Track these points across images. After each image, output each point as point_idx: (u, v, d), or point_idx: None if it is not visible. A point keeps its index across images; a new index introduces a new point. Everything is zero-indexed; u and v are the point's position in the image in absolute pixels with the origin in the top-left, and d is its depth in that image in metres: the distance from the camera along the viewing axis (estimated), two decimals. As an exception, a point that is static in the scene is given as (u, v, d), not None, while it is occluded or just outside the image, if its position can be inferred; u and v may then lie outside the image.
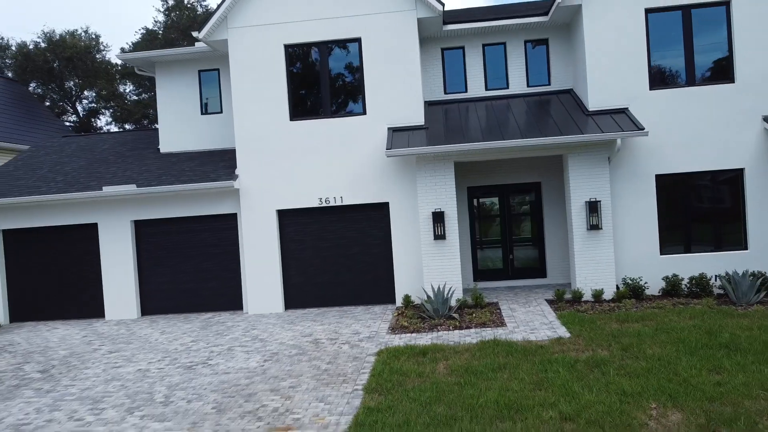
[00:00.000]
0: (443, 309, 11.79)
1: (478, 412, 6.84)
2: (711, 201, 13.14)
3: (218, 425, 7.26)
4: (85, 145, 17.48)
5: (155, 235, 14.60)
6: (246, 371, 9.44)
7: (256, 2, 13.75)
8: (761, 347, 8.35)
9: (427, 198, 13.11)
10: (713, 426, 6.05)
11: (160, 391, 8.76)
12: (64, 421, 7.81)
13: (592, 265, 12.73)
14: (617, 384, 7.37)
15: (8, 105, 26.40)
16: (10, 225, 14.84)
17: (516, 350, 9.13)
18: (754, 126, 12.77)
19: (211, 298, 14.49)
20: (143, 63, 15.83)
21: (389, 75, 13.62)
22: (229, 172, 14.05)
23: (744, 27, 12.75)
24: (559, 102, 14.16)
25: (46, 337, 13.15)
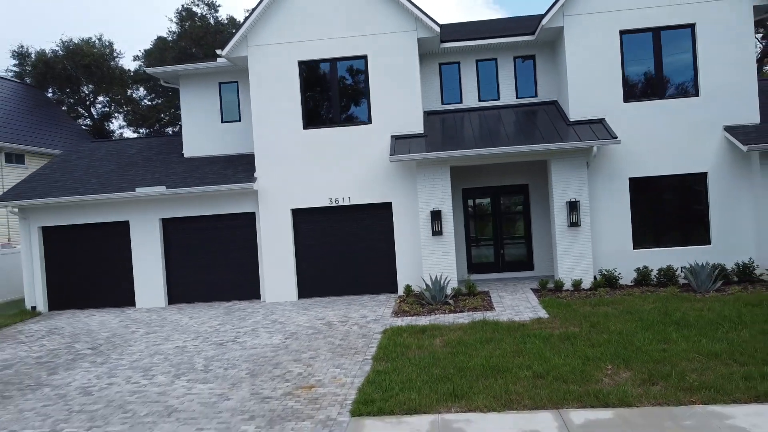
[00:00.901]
0: (440, 296, 13.30)
1: (467, 372, 8.35)
2: (678, 201, 14.66)
3: (253, 385, 8.77)
4: (114, 150, 18.99)
5: (181, 231, 16.10)
6: (270, 346, 10.95)
7: (273, 23, 15.26)
8: (705, 324, 9.87)
9: (426, 198, 14.62)
10: (653, 380, 7.57)
11: (199, 362, 10.27)
12: (123, 384, 9.32)
13: (573, 258, 14.25)
14: (582, 351, 8.89)
15: (32, 110, 27.91)
16: (48, 222, 16.33)
17: (501, 328, 10.65)
18: (716, 135, 14.29)
19: (232, 288, 15.99)
20: (169, 76, 17.34)
21: (392, 88, 15.13)
22: (248, 175, 15.55)
23: (707, 47, 14.27)
24: (544, 112, 15.67)
25: (86, 322, 14.65)
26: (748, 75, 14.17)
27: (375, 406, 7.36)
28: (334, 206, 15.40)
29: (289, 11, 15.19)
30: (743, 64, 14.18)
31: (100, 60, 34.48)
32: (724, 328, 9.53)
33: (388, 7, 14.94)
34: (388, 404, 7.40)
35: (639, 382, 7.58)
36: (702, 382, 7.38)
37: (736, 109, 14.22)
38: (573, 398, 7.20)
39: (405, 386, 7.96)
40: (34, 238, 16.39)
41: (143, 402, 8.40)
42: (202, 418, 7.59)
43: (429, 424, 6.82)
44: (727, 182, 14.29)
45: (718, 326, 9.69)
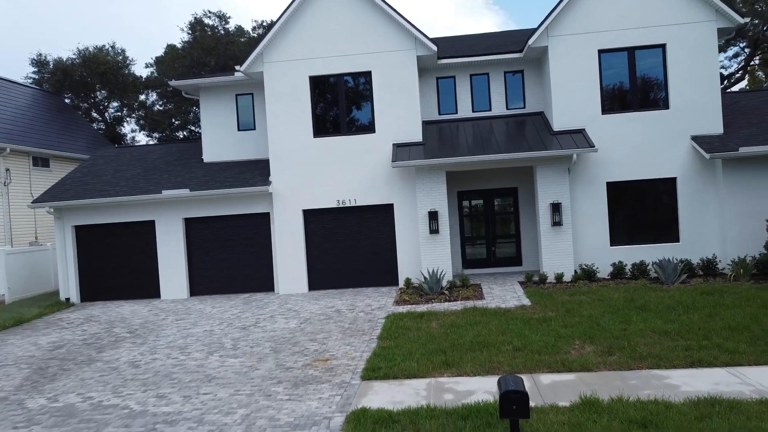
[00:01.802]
0: (436, 287, 14.82)
1: (458, 347, 9.86)
2: (651, 203, 16.18)
3: (277, 359, 10.28)
4: (138, 155, 20.50)
5: (202, 230, 17.60)
6: (288, 329, 12.46)
7: (287, 42, 16.77)
8: (663, 308, 11.39)
9: (424, 200, 16.13)
10: (611, 351, 9.09)
11: (227, 342, 11.78)
12: (164, 359, 10.83)
13: (556, 254, 15.77)
14: (556, 331, 10.41)
15: (54, 116, 29.41)
16: (81, 222, 17.84)
17: (489, 313, 12.17)
18: (684, 143, 15.82)
19: (248, 281, 17.49)
20: (191, 88, 18.86)
21: (394, 100, 16.64)
22: (263, 179, 17.06)
23: (676, 65, 15.79)
24: (531, 123, 17.20)
25: (118, 311, 16.16)
26: (713, 90, 15.70)
27: (381, 372, 8.87)
28: (342, 207, 16.90)
29: (300, 31, 16.70)
30: (708, 80, 15.71)
31: (115, 68, 36.00)
32: (678, 312, 11.06)
33: (390, 28, 16.46)
34: (392, 371, 8.91)
35: (599, 354, 9.09)
36: (650, 352, 8.90)
37: (701, 120, 15.75)
38: (544, 365, 8.72)
39: (405, 358, 9.48)
40: (68, 235, 17.89)
41: (185, 372, 9.91)
42: (237, 383, 9.10)
43: (425, 385, 8.33)
44: (694, 186, 15.81)
45: (673, 310, 11.21)
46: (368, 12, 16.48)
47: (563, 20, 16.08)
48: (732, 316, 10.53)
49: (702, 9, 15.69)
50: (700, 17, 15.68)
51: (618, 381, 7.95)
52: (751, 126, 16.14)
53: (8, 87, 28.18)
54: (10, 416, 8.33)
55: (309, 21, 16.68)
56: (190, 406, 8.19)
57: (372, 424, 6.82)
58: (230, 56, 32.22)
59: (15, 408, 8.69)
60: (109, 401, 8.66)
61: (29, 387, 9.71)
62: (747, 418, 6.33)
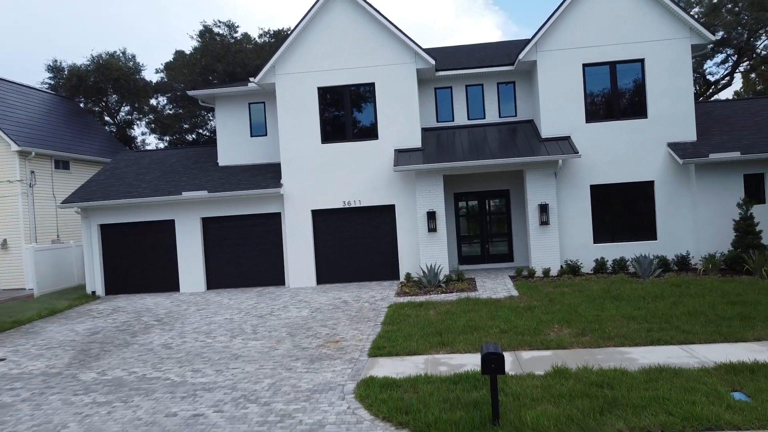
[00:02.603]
0: (434, 281, 16.17)
1: (452, 330, 11.20)
2: (631, 204, 17.53)
3: (294, 341, 11.63)
4: (156, 159, 21.84)
5: (218, 228, 18.94)
6: (301, 317, 13.81)
7: (297, 55, 18.11)
8: (634, 298, 12.75)
9: (423, 201, 17.48)
10: (584, 333, 10.44)
11: (247, 328, 13.12)
12: (193, 342, 12.17)
13: (543, 251, 17.11)
14: (538, 317, 11.75)
15: (71, 120, 30.74)
16: (106, 221, 19.18)
17: (480, 303, 13.52)
18: (660, 150, 17.17)
19: (260, 276, 18.83)
20: (207, 97, 20.21)
21: (395, 110, 17.99)
22: (275, 182, 18.40)
23: (654, 78, 17.15)
24: (522, 130, 18.54)
25: (142, 303, 17.50)
26: (687, 101, 17.05)
27: (385, 350, 10.22)
28: (347, 207, 18.25)
29: (309, 46, 18.05)
30: (683, 92, 17.07)
31: (128, 74, 37.35)
32: (646, 301, 12.42)
33: (392, 43, 17.81)
34: (395, 349, 10.25)
35: (574, 335, 10.44)
36: (618, 333, 10.25)
37: (677, 129, 17.10)
38: (526, 344, 10.07)
39: (406, 339, 10.82)
40: (94, 233, 19.23)
41: (213, 352, 11.26)
42: (261, 360, 10.45)
43: (423, 360, 9.67)
44: (670, 189, 17.16)
45: (643, 300, 12.57)
46: (372, 28, 17.84)
47: (551, 36, 17.44)
48: (693, 304, 11.88)
49: (677, 27, 17.04)
50: (676, 34, 17.03)
51: (587, 356, 9.29)
52: (722, 134, 17.50)
53: (29, 93, 29.53)
54: (68, 386, 9.68)
55: (317, 36, 18.03)
56: (223, 378, 9.54)
57: (379, 388, 8.18)
58: (238, 63, 33.56)
59: (71, 380, 10.04)
60: (152, 375, 10.02)
61: (78, 364, 11.06)
62: (686, 380, 7.68)
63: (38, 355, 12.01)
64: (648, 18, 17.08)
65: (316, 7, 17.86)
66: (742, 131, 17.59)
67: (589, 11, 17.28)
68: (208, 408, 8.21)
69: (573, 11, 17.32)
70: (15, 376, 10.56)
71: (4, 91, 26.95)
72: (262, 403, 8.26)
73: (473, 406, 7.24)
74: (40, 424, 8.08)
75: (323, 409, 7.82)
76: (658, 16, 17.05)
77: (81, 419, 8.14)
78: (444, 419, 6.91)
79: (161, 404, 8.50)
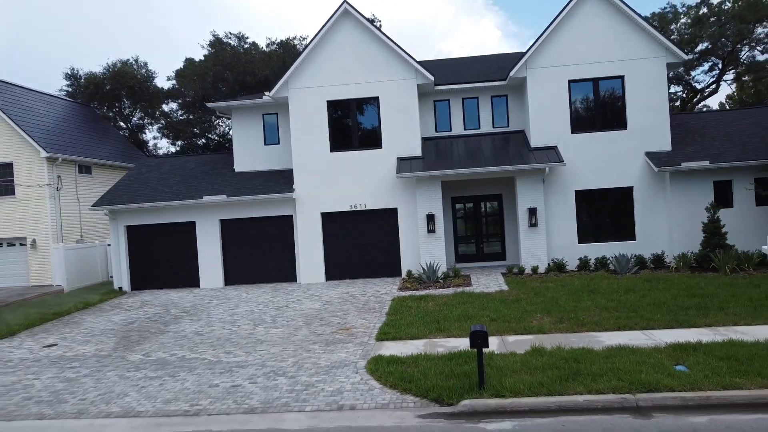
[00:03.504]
0: (433, 277, 17.74)
1: (448, 319, 12.76)
2: (612, 208, 19.09)
3: (310, 329, 13.20)
4: (176, 165, 23.42)
5: (235, 229, 20.51)
6: (314, 309, 15.38)
7: (308, 72, 19.69)
8: (609, 291, 14.32)
9: (423, 205, 19.04)
10: (562, 321, 12.01)
11: (267, 318, 14.69)
12: (221, 330, 13.74)
13: (532, 250, 18.68)
14: (524, 308, 13.32)
15: (90, 126, 32.30)
16: (132, 222, 20.75)
17: (474, 296, 15.10)
18: (639, 158, 18.74)
19: (273, 272, 20.40)
20: (224, 109, 21.79)
21: (398, 121, 19.55)
22: (287, 187, 19.97)
23: (632, 93, 18.72)
24: (514, 140, 20.12)
25: (167, 297, 19.06)
26: (663, 114, 18.62)
27: (390, 335, 11.79)
28: (354, 210, 19.81)
29: (319, 63, 19.63)
30: (659, 106, 18.63)
31: (141, 82, 38.94)
32: (619, 294, 14.00)
33: (395, 61, 19.38)
34: (398, 334, 11.82)
35: (553, 322, 12.02)
36: (590, 321, 11.82)
37: (654, 139, 18.67)
38: (511, 330, 11.63)
39: (408, 326, 12.39)
40: (121, 234, 20.81)
41: (240, 337, 12.83)
42: (283, 343, 12.02)
43: (423, 343, 11.24)
44: (647, 194, 18.73)
45: (616, 293, 14.15)
46: (377, 47, 19.42)
47: (539, 55, 19.02)
48: (659, 297, 13.46)
49: (654, 47, 18.62)
50: (653, 54, 18.61)
51: (562, 339, 10.86)
52: (695, 144, 19.07)
53: (51, 101, 31.12)
54: (120, 365, 11.26)
55: (326, 54, 19.61)
56: (252, 358, 11.12)
57: (386, 364, 9.76)
58: (248, 72, 35.10)
59: (120, 360, 11.62)
60: (190, 356, 11.60)
61: (123, 348, 12.64)
62: (640, 356, 9.25)
63: (85, 341, 13.59)
64: (627, 39, 18.66)
65: (326, 27, 19.45)
66: (714, 141, 19.16)
67: (574, 32, 18.85)
68: (244, 380, 9.79)
69: (560, 32, 18.90)
70: (71, 357, 12.15)
71: (31, 100, 28.52)
72: (288, 376, 9.84)
73: (464, 376, 8.81)
74: (104, 393, 9.66)
75: (340, 380, 9.40)
76: (636, 37, 18.63)
77: (138, 389, 9.72)
78: (440, 385, 8.49)
79: (203, 378, 10.08)
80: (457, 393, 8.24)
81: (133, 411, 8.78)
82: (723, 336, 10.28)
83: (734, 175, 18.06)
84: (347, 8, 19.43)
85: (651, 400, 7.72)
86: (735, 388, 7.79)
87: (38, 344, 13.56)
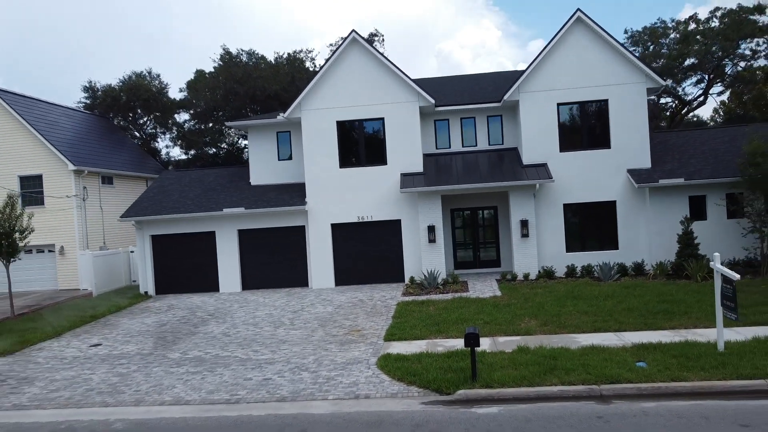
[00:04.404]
0: (433, 283, 19.38)
1: (447, 321, 14.40)
2: (597, 220, 20.72)
3: (325, 330, 14.84)
4: (196, 178, 25.08)
5: (251, 239, 22.15)
6: (327, 312, 17.02)
7: (319, 95, 21.36)
8: (591, 297, 15.96)
9: (424, 216, 20.69)
10: (546, 323, 13.64)
11: (285, 321, 16.33)
12: (245, 331, 15.38)
13: (524, 258, 20.32)
14: (514, 312, 14.96)
15: (111, 138, 33.97)
16: (156, 232, 22.40)
17: (470, 301, 16.74)
18: (621, 175, 20.39)
19: (287, 278, 22.04)
20: (241, 127, 23.45)
21: (401, 140, 21.21)
22: (300, 200, 21.62)
23: (615, 115, 20.36)
24: (508, 157, 21.77)
25: (191, 301, 20.70)
26: (643, 134, 20.27)
27: (396, 336, 13.43)
28: (361, 222, 21.46)
29: (330, 87, 21.29)
30: (640, 126, 20.28)
31: (155, 94, 40.67)
32: (599, 299, 15.64)
33: (399, 86, 21.05)
34: (403, 335, 13.46)
35: (539, 325, 13.65)
36: (571, 324, 13.46)
37: (635, 157, 20.31)
38: (502, 331, 13.27)
39: (412, 328, 14.03)
40: (147, 242, 22.46)
41: (264, 338, 14.47)
42: (302, 343, 13.66)
43: (425, 343, 12.86)
44: (629, 207, 20.37)
45: (596, 299, 15.79)
46: (382, 73, 21.09)
47: (531, 81, 20.67)
48: (633, 302, 15.10)
49: (635, 73, 20.28)
50: (634, 79, 20.26)
51: (545, 340, 12.49)
52: (673, 161, 20.71)
53: (72, 114, 32.82)
54: (163, 362, 12.91)
55: (336, 79, 21.28)
56: (277, 356, 12.76)
57: (394, 360, 11.40)
58: (258, 87, 36.81)
59: (162, 358, 13.27)
60: (223, 354, 13.24)
61: (161, 347, 14.29)
62: (608, 354, 10.87)
63: (126, 341, 15.24)
64: (611, 66, 20.31)
65: (336, 54, 21.14)
66: (691, 159, 20.80)
67: (562, 60, 20.51)
68: (273, 375, 11.44)
69: (549, 59, 20.56)
70: (117, 355, 13.80)
71: (55, 115, 30.20)
72: (311, 371, 11.49)
73: (460, 370, 10.45)
74: (155, 385, 11.32)
75: (355, 374, 11.04)
76: (619, 65, 20.29)
77: (184, 382, 11.37)
78: (439, 378, 10.14)
79: (238, 373, 11.73)
80: (453, 384, 9.87)
81: (183, 400, 10.43)
82: (682, 337, 11.92)
83: (708, 190, 19.71)
84: (355, 37, 21.11)
85: (612, 390, 9.36)
86: (681, 380, 9.42)
87: (84, 344, 15.21)
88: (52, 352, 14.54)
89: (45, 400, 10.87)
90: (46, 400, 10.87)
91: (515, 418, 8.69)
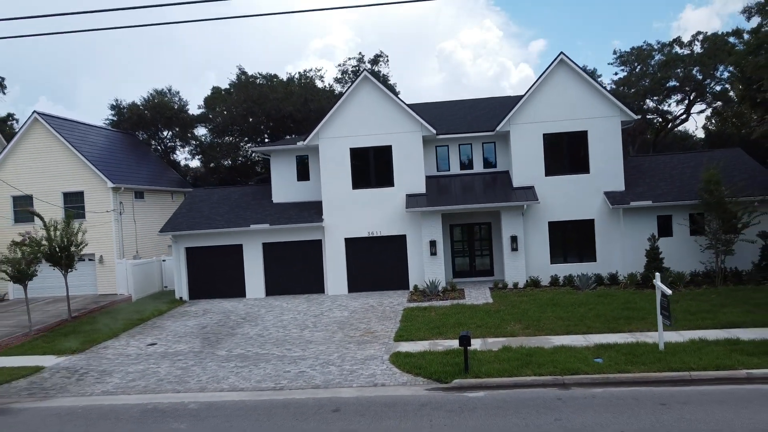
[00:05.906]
0: (434, 291, 22.06)
1: (446, 325, 17.06)
2: (577, 236, 23.38)
3: (343, 332, 17.52)
4: (223, 195, 27.81)
5: (274, 250, 24.85)
6: (344, 316, 19.70)
7: (335, 125, 24.07)
8: (568, 304, 18.63)
9: (426, 232, 23.38)
10: (528, 327, 16.32)
11: (309, 324, 19.00)
12: (276, 333, 18.06)
13: (514, 269, 22.99)
14: (502, 317, 17.64)
15: (139, 155, 36.66)
16: (190, 244, 25.11)
17: (466, 307, 19.42)
18: (599, 196, 23.07)
19: (305, 285, 24.72)
20: (264, 151, 26.16)
21: (406, 164, 23.91)
22: (318, 216, 24.31)
23: (594, 144, 23.04)
24: (500, 179, 24.46)
25: (222, 306, 23.38)
26: (618, 160, 22.95)
27: (404, 338, 16.11)
28: (371, 236, 24.15)
29: (344, 118, 24.01)
30: (615, 154, 22.96)
31: (178, 112, 43.50)
32: (574, 306, 18.30)
33: (404, 118, 23.77)
34: (410, 337, 16.13)
35: (522, 328, 16.32)
36: (548, 327, 16.13)
37: (611, 181, 22.98)
38: (491, 334, 15.94)
39: (417, 330, 16.71)
40: (181, 254, 25.18)
41: (293, 338, 17.15)
42: (325, 343, 16.35)
43: (428, 343, 15.53)
44: (606, 225, 23.03)
45: (573, 306, 18.45)
46: (390, 106, 23.81)
47: (520, 114, 23.38)
48: (602, 309, 17.77)
49: (611, 107, 22.97)
50: (610, 113, 22.95)
51: (525, 341, 15.15)
52: (645, 184, 23.38)
53: (108, 134, 35.55)
54: (214, 358, 15.60)
55: (349, 112, 24.00)
56: (307, 353, 15.45)
57: (403, 357, 14.09)
58: (273, 107, 39.59)
59: (212, 355, 15.97)
60: (262, 352, 15.93)
61: (209, 347, 16.97)
62: (573, 352, 13.54)
63: (176, 341, 17.93)
64: (590, 102, 23.00)
65: (349, 90, 23.87)
66: (660, 182, 23.47)
67: (547, 96, 23.21)
68: (306, 368, 14.12)
69: (536, 96, 23.26)
70: (173, 353, 16.50)
71: (92, 135, 32.93)
72: (336, 365, 14.18)
73: (455, 364, 13.13)
74: (212, 376, 14.01)
75: (373, 368, 13.72)
76: (597, 100, 22.98)
77: (235, 374, 14.07)
78: (440, 370, 12.82)
79: (278, 367, 14.42)
80: (450, 375, 12.56)
81: (238, 387, 13.12)
82: (636, 339, 14.58)
83: (673, 211, 22.38)
84: (366, 75, 23.87)
85: (572, 380, 12.03)
86: (625, 372, 12.10)
87: (141, 343, 17.91)
88: (117, 350, 17.23)
89: (127, 388, 13.57)
90: (128, 388, 13.57)
91: (496, 399, 11.38)
